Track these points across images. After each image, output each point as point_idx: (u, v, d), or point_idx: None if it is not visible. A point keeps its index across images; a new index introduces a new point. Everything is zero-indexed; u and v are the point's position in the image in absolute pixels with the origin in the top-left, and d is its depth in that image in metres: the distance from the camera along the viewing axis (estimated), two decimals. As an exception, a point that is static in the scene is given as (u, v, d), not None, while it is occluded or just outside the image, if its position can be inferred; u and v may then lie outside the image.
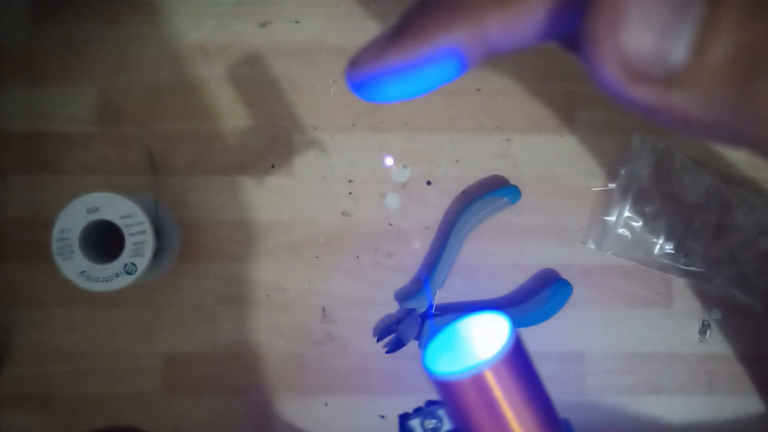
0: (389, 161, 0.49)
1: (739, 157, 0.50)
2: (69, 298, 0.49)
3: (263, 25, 0.50)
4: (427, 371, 0.22)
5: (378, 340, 0.49)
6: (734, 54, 0.13)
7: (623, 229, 0.49)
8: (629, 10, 0.13)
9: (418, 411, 0.25)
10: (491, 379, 0.21)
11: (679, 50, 0.13)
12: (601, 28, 0.14)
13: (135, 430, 0.26)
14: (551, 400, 0.23)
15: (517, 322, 0.48)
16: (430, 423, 0.25)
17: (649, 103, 0.14)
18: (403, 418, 0.25)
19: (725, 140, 0.14)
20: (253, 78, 0.50)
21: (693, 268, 0.49)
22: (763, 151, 0.14)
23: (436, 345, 0.23)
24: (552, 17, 0.15)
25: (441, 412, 0.25)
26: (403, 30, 0.17)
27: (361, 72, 0.17)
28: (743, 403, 0.50)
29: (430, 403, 0.25)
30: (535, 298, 0.48)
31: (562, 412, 0.52)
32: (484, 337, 0.22)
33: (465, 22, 0.16)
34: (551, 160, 0.50)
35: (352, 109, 0.50)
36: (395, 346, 0.49)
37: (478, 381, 0.21)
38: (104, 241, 0.44)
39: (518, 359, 0.22)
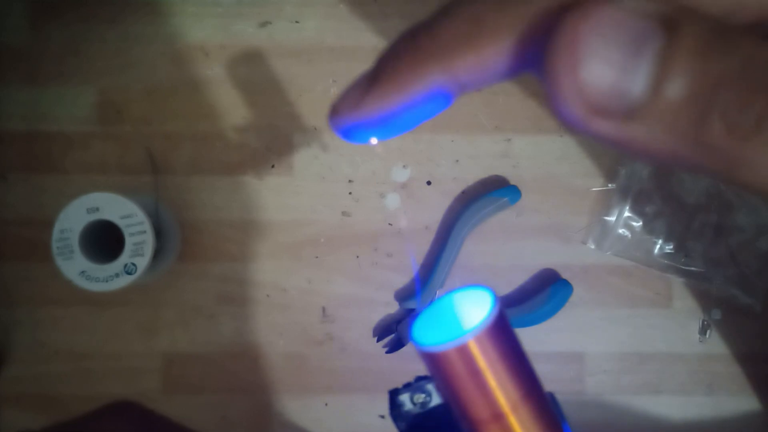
0: (373, 140, 0.49)
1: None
2: (69, 298, 0.49)
3: (263, 24, 0.50)
4: (415, 343, 0.23)
5: (378, 340, 0.49)
6: (689, 91, 0.14)
7: (623, 229, 0.49)
8: (588, 47, 0.14)
9: (407, 386, 0.26)
10: (475, 349, 0.22)
11: (636, 86, 0.14)
12: (561, 65, 0.14)
13: (131, 404, 0.26)
14: (535, 373, 0.24)
15: (518, 322, 0.48)
16: (419, 397, 0.25)
17: (609, 136, 0.15)
18: (393, 393, 0.26)
19: (684, 169, 0.15)
20: (253, 78, 0.50)
21: (693, 268, 0.49)
22: (720, 179, 0.15)
23: (423, 320, 0.24)
24: (517, 57, 0.16)
25: (430, 387, 0.26)
26: (378, 76, 0.18)
27: (343, 121, 0.19)
28: (743, 403, 0.50)
29: (420, 378, 0.26)
30: (535, 298, 0.48)
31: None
32: (469, 311, 0.24)
33: (436, 66, 0.17)
34: (551, 160, 0.50)
35: (352, 109, 0.50)
36: (395, 346, 0.49)
37: (462, 351, 0.22)
38: (104, 241, 0.44)
39: (501, 331, 0.23)
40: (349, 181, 0.50)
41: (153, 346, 0.49)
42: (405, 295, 0.49)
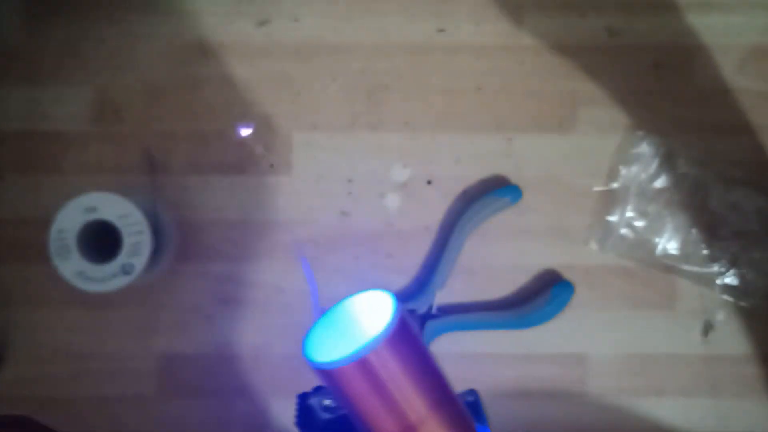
0: (245, 132, 0.47)
1: (741, 158, 0.49)
2: (66, 299, 0.49)
3: (262, 23, 0.50)
4: (307, 360, 0.21)
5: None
6: None
7: (625, 230, 0.49)
8: None
9: (317, 390, 0.24)
10: (376, 362, 0.20)
11: None
12: None
13: (27, 418, 0.25)
14: (446, 379, 0.22)
15: (519, 324, 0.48)
16: (328, 401, 0.24)
17: None
18: (303, 398, 0.24)
19: None
20: (252, 77, 0.50)
21: (695, 269, 0.49)
22: None
23: (320, 331, 0.22)
24: None
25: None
26: None
27: None
28: (746, 404, 0.49)
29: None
30: (537, 299, 0.48)
31: (562, 411, 0.52)
32: (370, 318, 0.21)
33: None
34: (553, 159, 0.50)
35: (352, 108, 0.49)
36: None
37: (361, 366, 0.20)
38: (102, 241, 0.44)
39: (404, 338, 0.21)
40: (349, 180, 0.50)
41: (151, 347, 0.49)
42: (405, 296, 0.49)
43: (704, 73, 0.50)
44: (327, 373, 0.20)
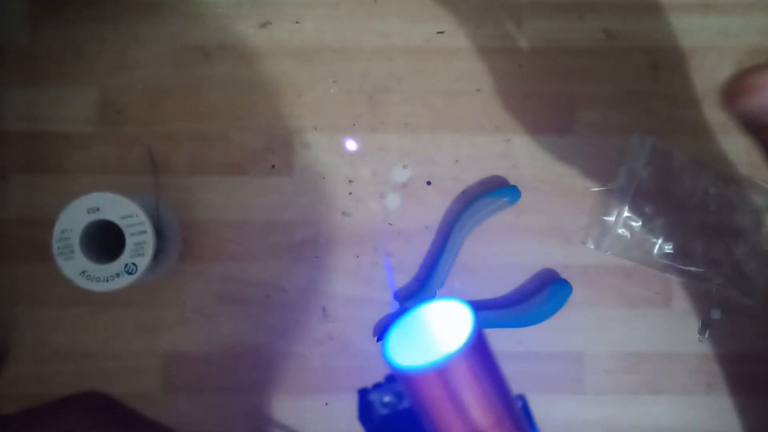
0: (351, 145, 0.49)
1: (738, 157, 0.50)
2: (69, 298, 0.49)
3: (263, 25, 0.50)
4: (389, 364, 0.22)
5: (378, 340, 0.49)
6: None
7: (623, 229, 0.49)
8: None
9: (377, 386, 0.25)
10: (455, 372, 0.21)
11: None
12: None
13: (95, 395, 0.26)
14: (509, 388, 0.24)
15: (517, 322, 0.49)
16: (387, 398, 0.25)
17: None
18: (363, 393, 0.25)
19: None
20: (253, 78, 0.50)
21: (692, 268, 0.49)
22: None
23: (397, 332, 0.23)
24: None
25: (400, 388, 0.25)
26: None
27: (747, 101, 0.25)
28: (742, 403, 0.50)
29: (390, 378, 0.25)
30: (535, 298, 0.48)
31: (562, 412, 0.52)
32: (445, 325, 0.22)
33: None
34: (551, 160, 0.50)
35: (352, 109, 0.50)
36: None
37: (442, 374, 0.21)
38: (105, 241, 0.44)
39: (480, 351, 0.22)
40: (349, 181, 0.50)
41: (153, 346, 0.49)
42: (405, 294, 0.49)
43: (702, 75, 0.50)
44: (408, 378, 0.21)
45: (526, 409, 0.26)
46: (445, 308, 0.23)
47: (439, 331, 0.22)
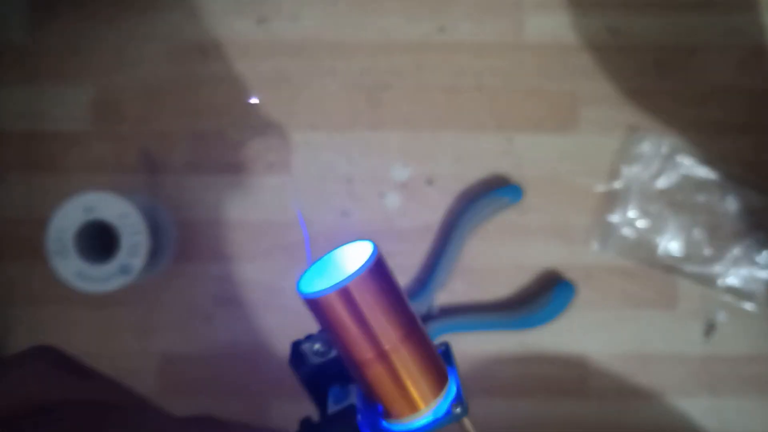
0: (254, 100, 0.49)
1: (741, 157, 0.49)
2: (65, 298, 0.49)
3: (261, 21, 0.50)
4: (299, 292, 0.24)
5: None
6: None
7: (627, 230, 0.49)
8: None
9: (309, 337, 0.28)
10: (355, 292, 0.24)
11: None
12: None
13: (51, 348, 0.27)
14: (416, 316, 0.26)
15: (520, 324, 0.48)
16: (317, 346, 0.27)
17: None
18: (295, 345, 0.28)
19: None
20: (251, 76, 0.49)
21: (697, 269, 0.49)
22: None
23: (311, 275, 0.26)
24: None
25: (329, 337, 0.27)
26: None
27: None
28: (746, 404, 0.49)
29: (323, 330, 0.27)
30: (538, 299, 0.48)
31: (562, 412, 0.52)
32: (353, 262, 0.25)
33: None
34: (553, 159, 0.49)
35: (352, 107, 0.49)
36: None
37: (343, 294, 0.24)
38: (100, 241, 0.44)
39: (379, 275, 0.25)
40: (348, 180, 0.49)
41: (149, 347, 0.49)
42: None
43: (705, 73, 0.50)
44: (313, 302, 0.24)
45: (448, 353, 0.28)
46: (355, 250, 0.26)
47: (348, 266, 0.25)
